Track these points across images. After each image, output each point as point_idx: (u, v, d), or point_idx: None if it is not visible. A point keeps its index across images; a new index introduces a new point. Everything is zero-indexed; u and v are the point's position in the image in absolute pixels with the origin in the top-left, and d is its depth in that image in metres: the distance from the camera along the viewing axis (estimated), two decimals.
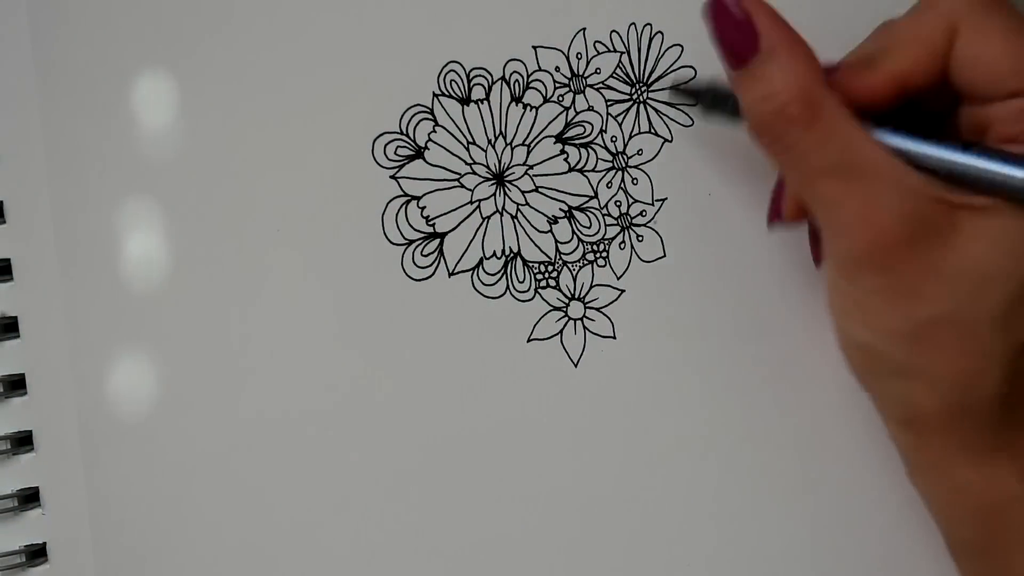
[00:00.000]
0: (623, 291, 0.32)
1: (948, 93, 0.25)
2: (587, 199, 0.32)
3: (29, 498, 0.30)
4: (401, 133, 0.31)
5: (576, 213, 0.32)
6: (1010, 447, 0.25)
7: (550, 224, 0.31)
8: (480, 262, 0.31)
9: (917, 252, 0.23)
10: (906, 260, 0.23)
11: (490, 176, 0.31)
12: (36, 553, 0.30)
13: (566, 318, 0.31)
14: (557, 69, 0.31)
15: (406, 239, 0.31)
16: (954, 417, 0.25)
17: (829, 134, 0.24)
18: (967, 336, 0.24)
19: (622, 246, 0.32)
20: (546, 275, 0.31)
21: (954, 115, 0.26)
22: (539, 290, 0.31)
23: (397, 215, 0.31)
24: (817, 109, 0.23)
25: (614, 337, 0.32)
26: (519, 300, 0.31)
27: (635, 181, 0.32)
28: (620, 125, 0.32)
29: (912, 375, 0.25)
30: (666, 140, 0.32)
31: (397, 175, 0.31)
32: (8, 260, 0.30)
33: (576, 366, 0.31)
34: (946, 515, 0.27)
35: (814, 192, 0.24)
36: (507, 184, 0.31)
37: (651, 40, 0.32)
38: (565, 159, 0.31)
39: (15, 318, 0.30)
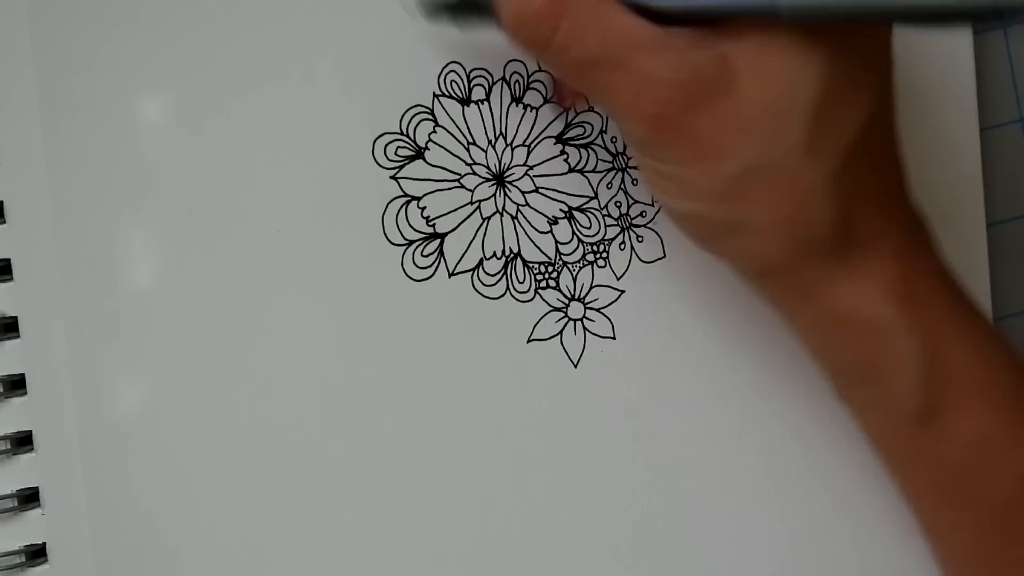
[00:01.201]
0: (623, 291, 0.32)
1: None
2: (587, 200, 0.32)
3: (29, 498, 0.30)
4: (401, 133, 0.31)
5: (576, 214, 0.32)
6: (866, 264, 0.25)
7: (550, 225, 0.31)
8: (480, 262, 0.31)
9: (703, 112, 0.23)
10: (695, 123, 0.23)
11: (490, 176, 0.31)
12: (36, 553, 0.30)
13: (566, 319, 0.31)
14: None
15: (406, 239, 0.31)
16: (802, 254, 0.24)
17: (583, 24, 0.23)
18: (780, 177, 0.23)
19: (622, 247, 0.32)
20: (546, 276, 0.31)
21: None
22: (539, 291, 0.31)
23: (397, 215, 0.31)
24: (564, 1, 0.23)
25: (614, 338, 0.32)
26: (519, 301, 0.31)
27: (635, 182, 0.32)
28: None
29: (744, 230, 0.24)
30: None
31: (397, 175, 0.31)
32: (8, 260, 0.30)
33: (576, 366, 0.31)
34: (826, 347, 0.27)
35: (585, 83, 0.24)
36: (507, 185, 0.31)
37: None
38: (565, 160, 0.32)
39: (15, 318, 0.30)
